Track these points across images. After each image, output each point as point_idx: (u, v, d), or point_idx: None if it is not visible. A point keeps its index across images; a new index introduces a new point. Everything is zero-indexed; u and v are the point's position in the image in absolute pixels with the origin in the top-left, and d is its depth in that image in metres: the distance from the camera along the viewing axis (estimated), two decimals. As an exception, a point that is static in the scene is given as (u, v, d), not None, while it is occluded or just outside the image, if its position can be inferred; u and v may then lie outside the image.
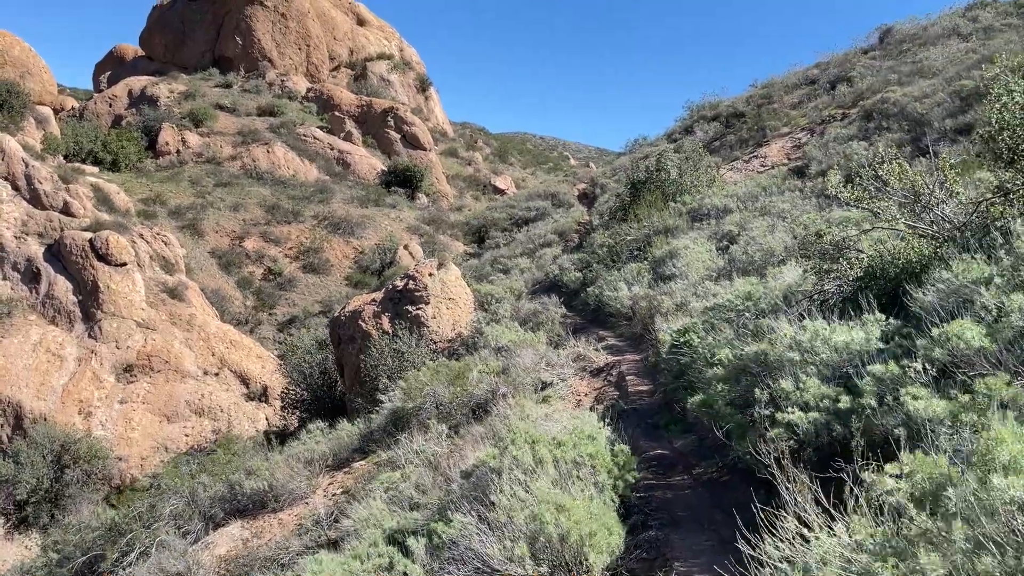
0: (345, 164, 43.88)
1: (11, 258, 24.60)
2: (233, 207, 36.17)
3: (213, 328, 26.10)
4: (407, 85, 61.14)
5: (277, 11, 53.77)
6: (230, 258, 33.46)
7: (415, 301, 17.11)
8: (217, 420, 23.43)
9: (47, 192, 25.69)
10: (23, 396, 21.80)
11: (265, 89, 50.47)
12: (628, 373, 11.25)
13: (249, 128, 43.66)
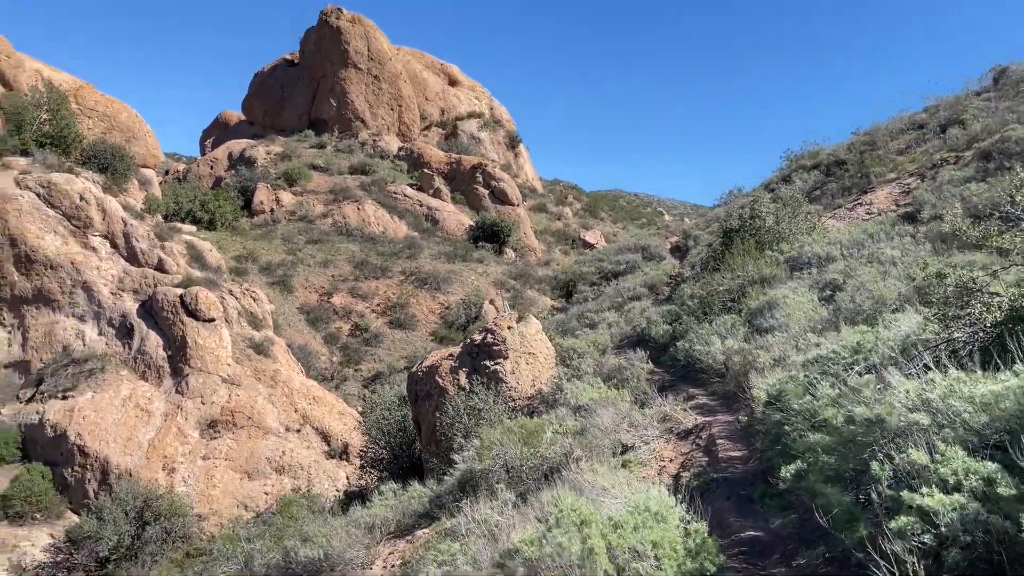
0: (434, 220, 44.04)
1: (107, 314, 25.18)
2: (323, 263, 36.55)
3: (297, 384, 25.93)
4: (497, 142, 61.60)
5: (371, 74, 55.30)
6: (318, 314, 33.64)
7: (493, 356, 16.28)
8: (297, 478, 23.00)
9: (143, 250, 26.36)
10: (110, 451, 21.94)
11: (358, 148, 51.63)
12: (719, 436, 10.01)
13: (341, 186, 44.50)
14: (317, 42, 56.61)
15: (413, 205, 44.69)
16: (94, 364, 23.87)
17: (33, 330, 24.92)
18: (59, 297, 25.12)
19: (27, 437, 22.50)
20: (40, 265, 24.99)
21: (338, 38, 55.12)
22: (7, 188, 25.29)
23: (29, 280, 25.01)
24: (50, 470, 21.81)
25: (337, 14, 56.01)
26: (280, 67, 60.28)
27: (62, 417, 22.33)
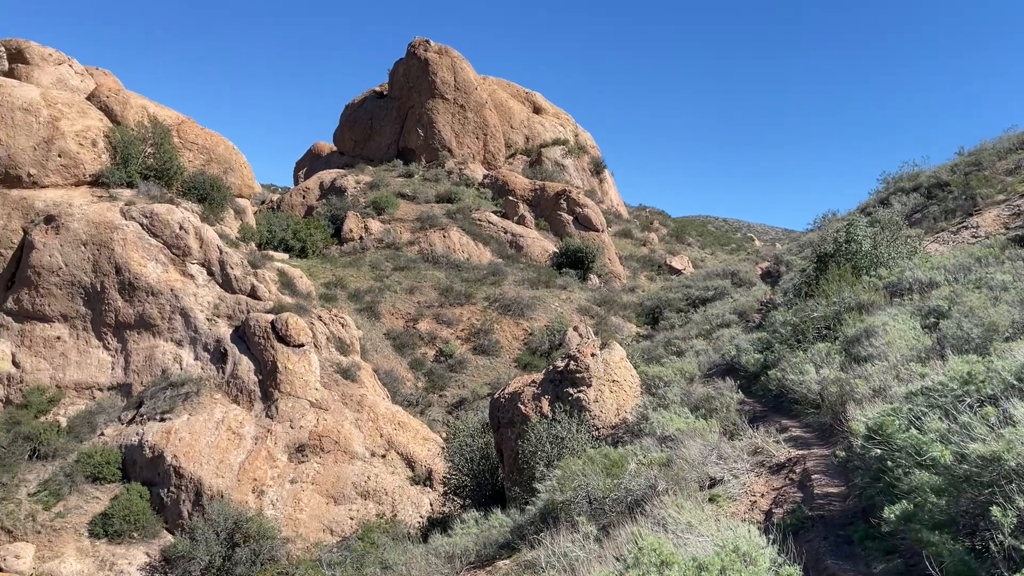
0: (518, 246, 44.15)
1: (203, 339, 26.04)
2: (409, 290, 37.03)
3: (382, 409, 26.17)
4: (581, 169, 61.53)
5: (457, 103, 56.19)
6: (404, 339, 34.03)
7: (576, 383, 15.99)
8: (382, 504, 23.10)
9: (237, 277, 27.22)
10: (204, 472, 22.54)
11: (444, 177, 52.40)
12: (814, 471, 9.46)
13: (427, 214, 45.16)
14: (405, 73, 57.97)
15: (497, 232, 44.95)
16: (190, 388, 24.67)
17: (135, 354, 25.98)
18: (159, 322, 26.14)
19: (127, 457, 23.36)
20: (142, 292, 26.09)
21: (425, 69, 56.31)
22: (114, 219, 26.58)
23: (132, 306, 26.12)
24: (148, 490, 22.57)
25: (425, 46, 57.26)
26: (369, 99, 61.95)
27: (160, 439, 23.10)
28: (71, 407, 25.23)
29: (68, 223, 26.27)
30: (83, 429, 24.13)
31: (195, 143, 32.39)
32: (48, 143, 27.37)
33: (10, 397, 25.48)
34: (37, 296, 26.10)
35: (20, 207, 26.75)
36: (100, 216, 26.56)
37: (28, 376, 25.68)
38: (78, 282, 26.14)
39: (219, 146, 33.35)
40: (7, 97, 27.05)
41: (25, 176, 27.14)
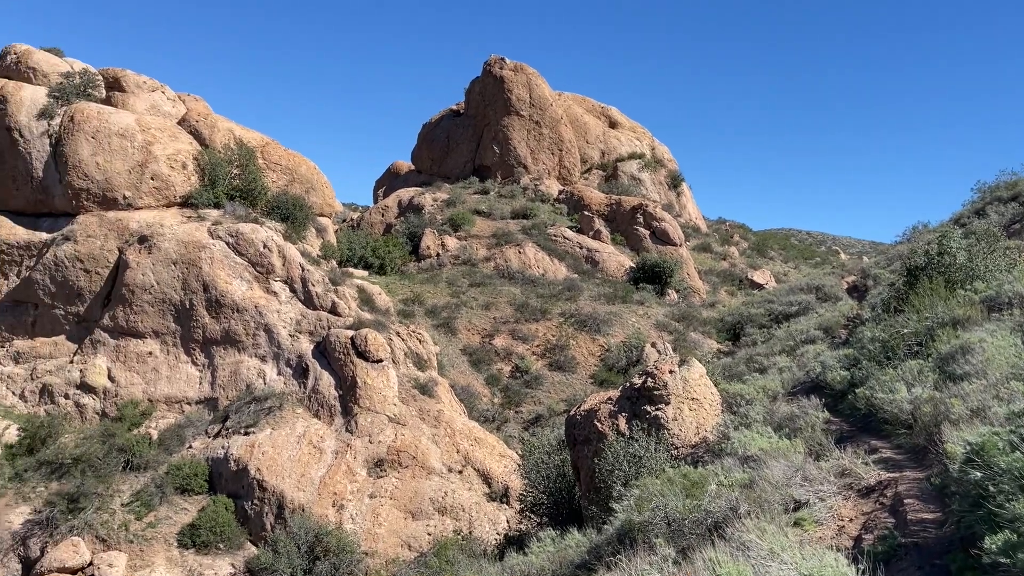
0: (593, 262, 43.89)
1: (285, 355, 26.68)
2: (485, 306, 37.19)
3: (459, 424, 26.25)
4: (658, 182, 60.90)
5: (532, 120, 56.42)
6: (480, 355, 34.15)
7: (654, 400, 15.68)
8: (459, 520, 23.12)
9: (318, 294, 27.83)
10: (286, 486, 23.00)
11: (519, 193, 52.60)
12: (907, 495, 8.98)
13: (503, 231, 45.37)
14: (481, 91, 58.57)
15: (573, 247, 44.80)
16: (273, 402, 25.28)
17: (221, 369, 26.80)
18: (244, 338, 26.91)
19: (214, 470, 24.05)
20: (228, 309, 26.92)
21: (501, 87, 56.77)
22: (202, 238, 27.56)
23: (218, 322, 26.98)
24: (233, 502, 23.16)
25: (500, 64, 57.77)
26: (446, 117, 62.82)
27: (244, 452, 23.71)
28: (162, 420, 26.17)
29: (160, 243, 27.35)
30: (173, 442, 24.97)
31: (279, 164, 33.36)
32: (142, 167, 28.62)
33: (106, 410, 26.60)
34: (131, 313, 27.23)
35: (116, 228, 28.01)
36: (189, 236, 27.57)
37: (122, 390, 26.78)
38: (168, 299, 27.16)
39: (301, 166, 34.27)
40: (104, 124, 28.43)
41: (121, 198, 28.42)
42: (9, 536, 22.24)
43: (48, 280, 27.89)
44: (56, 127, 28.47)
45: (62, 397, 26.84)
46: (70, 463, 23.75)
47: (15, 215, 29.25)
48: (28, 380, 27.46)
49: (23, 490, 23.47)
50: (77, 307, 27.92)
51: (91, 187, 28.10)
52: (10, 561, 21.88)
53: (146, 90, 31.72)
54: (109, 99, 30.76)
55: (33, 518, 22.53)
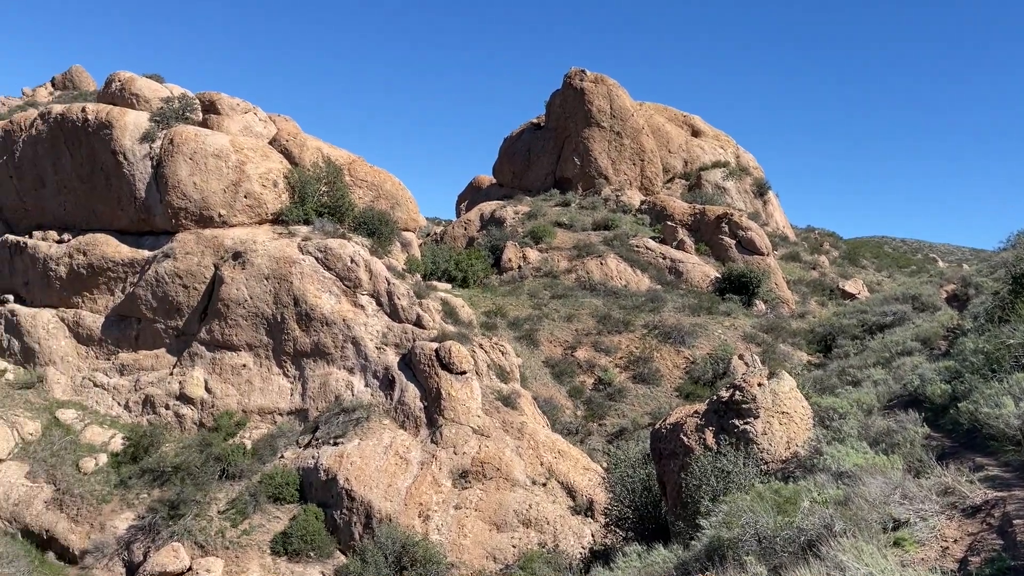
0: (677, 272, 43.28)
1: (372, 367, 27.22)
2: (567, 318, 37.10)
3: (542, 437, 26.22)
4: (743, 191, 59.71)
5: (613, 130, 56.17)
6: (562, 367, 34.07)
7: (742, 414, 15.32)
8: (543, 533, 23.06)
9: (403, 307, 28.31)
10: (373, 496, 23.40)
11: (600, 204, 52.36)
12: (1016, 516, 8.51)
13: (584, 242, 45.22)
14: (561, 104, 58.67)
15: (655, 258, 44.29)
16: (360, 413, 25.80)
17: (311, 381, 27.53)
18: (332, 351, 27.59)
19: (304, 479, 24.68)
20: (317, 322, 27.66)
21: (581, 98, 56.75)
22: (292, 254, 28.43)
23: (308, 335, 27.75)
24: (322, 511, 23.71)
25: (580, 76, 57.78)
26: (527, 131, 63.16)
27: (333, 462, 24.25)
28: (255, 431, 27.04)
29: (252, 259, 28.35)
30: (266, 451, 25.76)
31: (364, 180, 34.17)
32: (236, 185, 29.76)
33: (203, 420, 27.66)
34: (226, 327, 28.28)
35: (212, 245, 29.18)
36: (280, 252, 28.49)
37: (218, 401, 27.80)
38: (261, 313, 28.10)
39: (386, 183, 35.00)
40: (201, 145, 29.71)
41: (216, 216, 29.61)
42: (114, 540, 23.35)
43: (150, 295, 29.25)
44: (157, 150, 29.90)
45: (163, 408, 28.06)
46: (171, 471, 24.80)
47: (120, 234, 30.83)
48: (132, 391, 28.83)
49: (127, 496, 24.62)
50: (176, 321, 29.18)
51: (189, 206, 29.38)
52: (115, 565, 22.96)
53: (239, 112, 33.00)
54: (205, 122, 32.13)
55: (137, 523, 23.60)
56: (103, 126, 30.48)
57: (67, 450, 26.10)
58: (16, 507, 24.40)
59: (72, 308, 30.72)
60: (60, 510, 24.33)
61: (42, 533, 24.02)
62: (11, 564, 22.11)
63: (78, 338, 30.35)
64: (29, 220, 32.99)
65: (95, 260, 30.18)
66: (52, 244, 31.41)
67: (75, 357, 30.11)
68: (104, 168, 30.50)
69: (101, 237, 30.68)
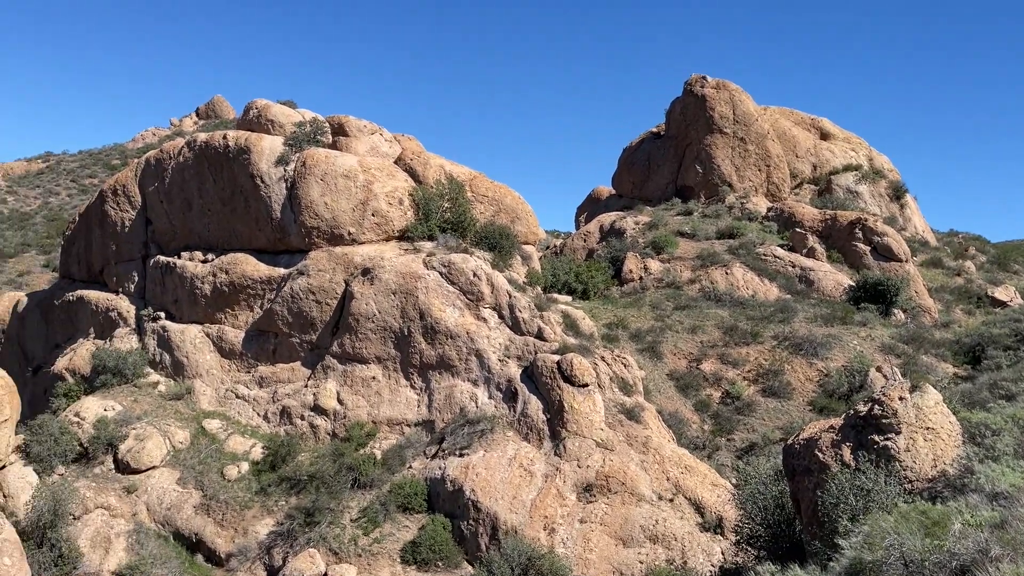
0: (807, 281, 41.61)
1: (495, 379, 27.52)
2: (691, 329, 36.32)
3: (668, 451, 25.74)
4: (878, 195, 56.83)
5: (736, 136, 54.77)
6: (687, 380, 33.34)
7: (882, 429, 14.51)
8: (671, 549, 22.59)
9: (525, 320, 28.51)
10: (499, 508, 23.59)
11: (724, 212, 51.08)
12: None
13: (708, 251, 44.20)
14: (682, 112, 57.75)
15: (784, 266, 42.74)
16: (485, 425, 26.11)
17: (436, 393, 28.11)
18: (457, 363, 28.09)
19: (431, 490, 25.18)
20: (442, 335, 28.25)
21: (703, 105, 55.68)
22: (417, 269, 29.20)
23: (433, 348, 28.37)
24: (449, 521, 24.10)
25: (701, 82, 56.71)
26: (647, 140, 62.48)
27: (459, 473, 24.63)
28: (384, 441, 27.85)
29: (380, 274, 29.30)
30: (394, 462, 26.47)
31: (485, 196, 34.73)
32: (364, 204, 30.88)
33: (335, 431, 28.74)
34: (356, 340, 29.32)
35: (342, 262, 30.36)
36: (406, 267, 29.31)
37: (350, 412, 28.83)
38: (389, 327, 28.97)
39: (506, 197, 35.44)
40: (331, 167, 31.03)
41: (346, 234, 30.81)
42: (256, 545, 24.55)
43: (285, 311, 30.71)
44: (291, 172, 31.44)
45: (298, 418, 29.35)
46: (306, 479, 25.87)
47: (258, 253, 32.55)
48: (270, 403, 30.32)
49: (267, 503, 25.85)
50: (310, 335, 30.49)
51: (321, 225, 30.70)
52: (257, 568, 24.13)
53: (366, 133, 34.26)
54: (335, 143, 33.54)
55: (276, 529, 24.73)
56: (242, 151, 32.34)
57: (213, 458, 27.69)
58: (168, 511, 26.07)
59: (216, 324, 32.65)
60: (207, 515, 25.81)
61: (191, 536, 25.53)
62: (164, 565, 23.63)
63: (221, 352, 32.21)
64: (178, 241, 35.36)
65: (236, 278, 31.98)
66: (198, 264, 33.51)
67: (219, 370, 31.96)
68: (243, 191, 32.33)
69: (241, 256, 32.47)
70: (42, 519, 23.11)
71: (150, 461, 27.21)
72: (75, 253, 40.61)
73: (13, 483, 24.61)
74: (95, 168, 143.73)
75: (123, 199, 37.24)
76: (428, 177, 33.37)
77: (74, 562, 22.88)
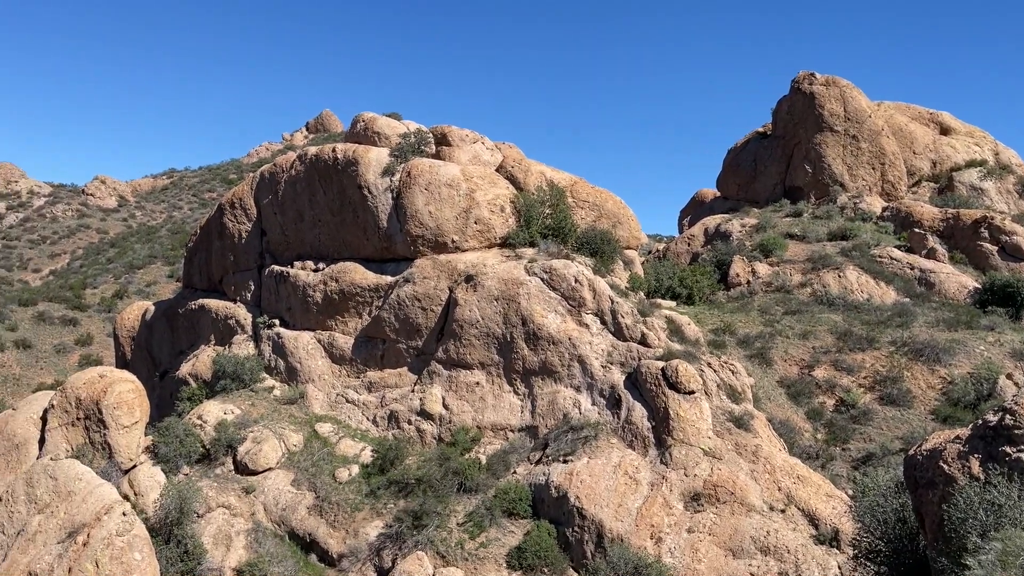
0: (927, 283, 39.50)
1: (598, 385, 27.34)
2: (802, 335, 35.07)
3: (779, 461, 24.92)
4: (1005, 191, 53.47)
5: (848, 134, 52.69)
6: (799, 387, 32.19)
7: (1015, 440, 13.63)
8: (783, 562, 21.83)
9: (627, 325, 28.21)
10: (604, 515, 23.40)
11: (836, 213, 49.17)
12: None
13: (819, 254, 42.62)
14: (789, 110, 56.02)
15: (902, 268, 40.72)
16: (588, 432, 25.96)
17: (539, 399, 28.15)
18: (559, 369, 28.06)
19: (536, 495, 25.20)
20: (544, 341, 28.28)
21: (811, 103, 53.85)
22: (519, 275, 29.35)
23: (535, 354, 28.43)
24: (554, 528, 24.05)
25: (810, 80, 54.87)
26: (752, 140, 60.90)
27: (563, 480, 24.57)
28: (489, 446, 28.08)
29: (483, 281, 29.61)
30: (499, 467, 26.63)
31: (586, 201, 34.61)
32: (467, 212, 31.30)
33: (441, 435, 29.18)
34: (460, 346, 29.72)
35: (446, 269, 30.85)
36: (508, 274, 29.51)
37: (455, 417, 29.22)
38: (492, 333, 29.23)
39: (608, 202, 35.21)
40: (435, 176, 31.60)
41: (449, 242, 31.29)
42: (366, 546, 25.16)
43: (392, 318, 31.45)
44: (396, 182, 32.20)
45: (406, 423, 29.97)
46: (414, 483, 26.35)
47: (366, 262, 33.47)
48: (379, 407, 31.08)
49: (376, 505, 26.47)
50: (416, 341, 31.11)
51: (425, 233, 31.30)
52: (367, 570, 24.73)
53: (468, 142, 34.74)
54: (438, 153, 34.16)
55: (385, 531, 25.28)
56: (350, 163, 33.37)
57: (325, 461, 28.58)
58: (284, 512, 27.06)
59: (327, 330, 33.75)
60: (320, 516, 26.65)
61: (305, 536, 26.41)
62: (281, 563, 24.53)
63: (332, 358, 33.27)
64: (290, 252, 36.77)
65: (345, 286, 32.98)
66: (309, 272, 34.74)
67: (330, 375, 33.01)
68: (351, 202, 33.33)
69: (350, 265, 33.48)
70: (169, 516, 24.40)
71: (266, 463, 28.33)
72: (196, 264, 42.83)
73: (143, 482, 26.08)
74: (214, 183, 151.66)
75: (240, 212, 39.04)
76: (529, 184, 33.52)
77: (198, 558, 24.02)
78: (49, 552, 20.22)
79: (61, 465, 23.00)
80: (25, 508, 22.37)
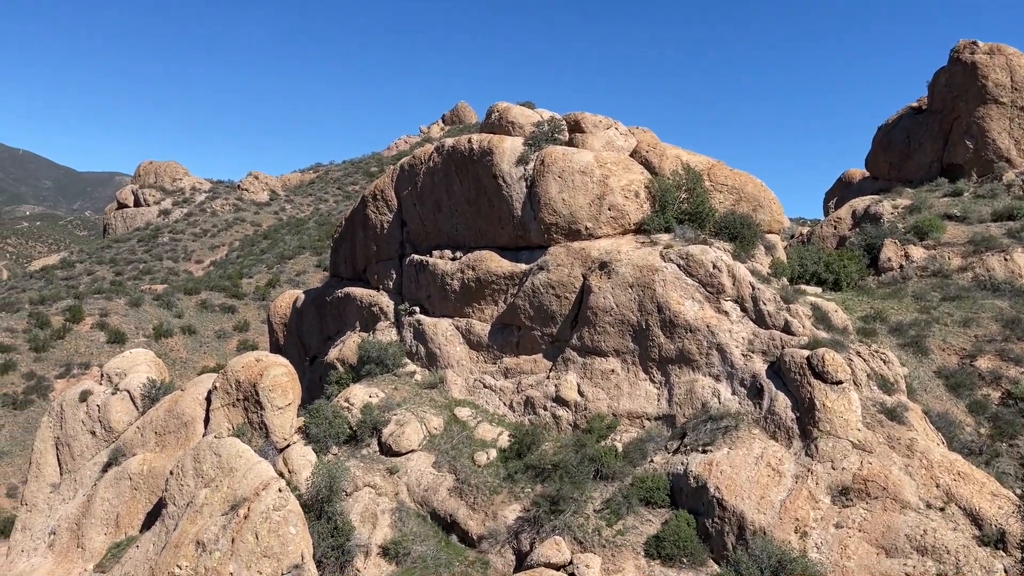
0: (1111, 266, 35.93)
1: (738, 374, 26.57)
2: (962, 322, 32.73)
3: (937, 456, 23.40)
4: None
5: (1016, 106, 48.60)
6: (959, 379, 30.08)
7: None
8: (942, 563, 20.54)
9: (770, 312, 27.23)
10: (745, 507, 22.79)
11: (1001, 191, 45.46)
12: None
13: (982, 236, 39.57)
14: (948, 83, 52.24)
15: (1081, 250, 37.21)
16: (728, 422, 25.30)
17: (676, 388, 27.69)
18: (697, 358, 27.47)
19: (673, 485, 24.86)
20: (681, 329, 27.76)
21: (973, 74, 49.98)
22: (654, 262, 28.90)
23: (672, 342, 27.96)
24: (693, 518, 23.65)
25: (971, 48, 50.93)
26: (905, 116, 57.23)
27: (702, 470, 24.09)
28: (624, 434, 27.91)
29: (617, 268, 29.36)
30: (635, 455, 26.43)
31: (724, 184, 33.61)
32: (600, 199, 31.10)
33: (576, 422, 29.26)
34: (594, 333, 29.63)
35: (580, 256, 30.80)
36: (643, 260, 29.12)
37: (590, 404, 29.21)
38: (626, 320, 28.96)
39: (747, 185, 34.05)
40: (569, 163, 31.57)
41: (583, 229, 31.21)
42: (505, 529, 25.63)
43: (527, 305, 31.74)
44: (530, 171, 32.41)
45: (541, 409, 30.23)
46: (550, 468, 26.57)
47: (500, 250, 33.93)
48: (515, 393, 31.51)
49: (514, 489, 26.88)
50: (550, 328, 31.28)
51: (559, 221, 31.36)
52: (506, 552, 25.20)
53: (602, 128, 34.46)
54: (571, 140, 34.09)
55: (523, 515, 25.65)
56: (485, 153, 33.85)
57: (464, 444, 29.30)
58: (426, 492, 27.97)
59: (464, 317, 34.51)
60: (460, 498, 27.36)
61: (446, 517, 27.20)
62: (424, 543, 25.40)
63: (469, 344, 33.99)
64: (429, 241, 37.79)
65: (481, 274, 33.57)
66: (447, 261, 35.60)
67: (468, 361, 33.76)
68: (487, 191, 33.83)
69: (486, 254, 34.03)
70: (320, 494, 25.75)
71: (409, 445, 29.34)
72: (342, 254, 44.80)
73: (296, 460, 27.63)
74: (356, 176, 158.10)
75: (381, 203, 40.48)
76: (664, 168, 32.91)
77: (347, 534, 25.24)
78: (215, 523, 21.82)
79: (224, 443, 24.75)
80: (193, 481, 24.23)
